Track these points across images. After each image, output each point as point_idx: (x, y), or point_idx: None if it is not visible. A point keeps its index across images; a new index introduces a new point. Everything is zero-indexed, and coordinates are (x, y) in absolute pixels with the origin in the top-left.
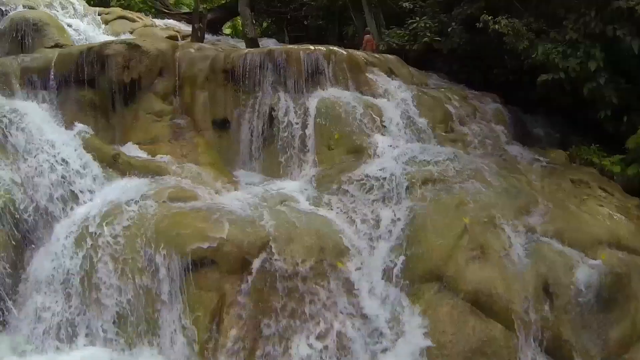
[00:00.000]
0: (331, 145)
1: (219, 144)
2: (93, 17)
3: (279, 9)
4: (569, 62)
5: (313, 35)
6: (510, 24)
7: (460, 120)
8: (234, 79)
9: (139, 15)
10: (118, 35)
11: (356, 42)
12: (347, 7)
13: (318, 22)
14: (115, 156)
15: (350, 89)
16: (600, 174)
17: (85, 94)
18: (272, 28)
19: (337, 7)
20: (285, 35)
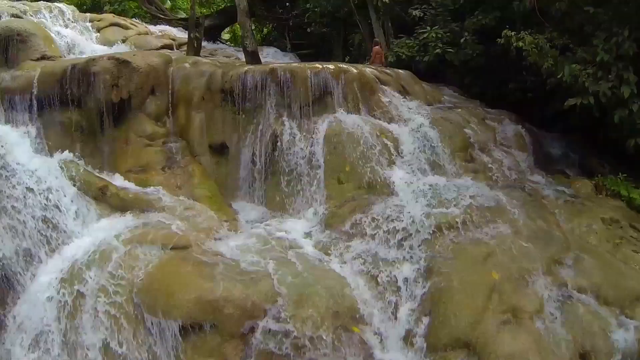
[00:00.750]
0: (341, 178)
1: (216, 171)
2: (84, 24)
3: (280, 15)
4: (600, 86)
5: (316, 43)
6: (535, 41)
7: (480, 147)
8: (233, 99)
9: (132, 22)
10: (110, 44)
11: (362, 51)
12: (353, 13)
13: (322, 29)
14: (103, 188)
15: (362, 112)
16: (628, 206)
17: (71, 115)
18: (273, 34)
19: (343, 14)
20: (287, 42)
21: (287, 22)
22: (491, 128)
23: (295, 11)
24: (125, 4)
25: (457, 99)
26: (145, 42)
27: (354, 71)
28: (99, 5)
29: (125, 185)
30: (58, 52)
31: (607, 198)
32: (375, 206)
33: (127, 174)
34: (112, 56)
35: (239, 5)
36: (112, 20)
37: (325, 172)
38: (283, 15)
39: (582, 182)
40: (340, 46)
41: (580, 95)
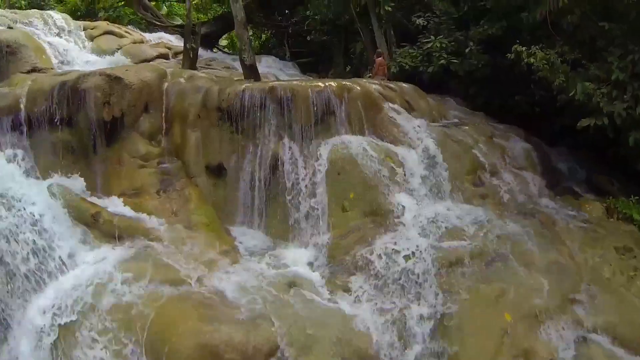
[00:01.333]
0: (345, 206)
1: (214, 193)
2: (77, 33)
3: (279, 23)
4: (615, 106)
5: (317, 51)
6: (547, 57)
7: (489, 169)
8: (230, 118)
9: (127, 30)
10: (104, 53)
11: (364, 60)
12: (354, 21)
13: (322, 37)
14: (95, 215)
15: (366, 132)
16: None
17: (61, 135)
18: (272, 41)
19: (343, 22)
20: (286, 50)
21: (287, 29)
22: (500, 147)
23: (294, 18)
24: (120, 10)
25: (463, 113)
26: (140, 52)
27: (357, 89)
28: (93, 11)
29: (118, 210)
30: (50, 63)
31: (619, 222)
32: (381, 238)
33: (121, 197)
34: (103, 72)
35: (237, 16)
36: (106, 29)
37: (329, 199)
38: (282, 23)
39: (593, 205)
40: (341, 54)
41: (594, 115)
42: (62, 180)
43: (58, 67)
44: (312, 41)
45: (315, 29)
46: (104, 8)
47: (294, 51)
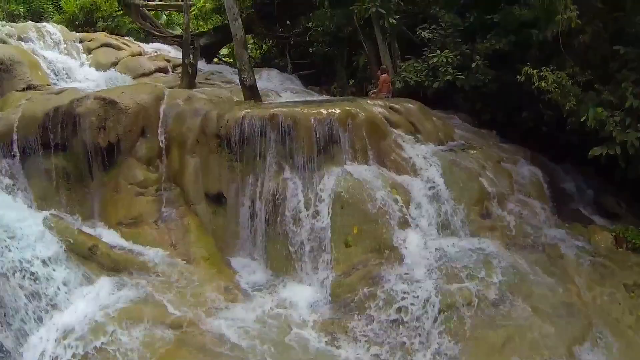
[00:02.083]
0: (349, 241)
1: (214, 221)
2: (74, 46)
3: (280, 34)
4: (628, 135)
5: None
6: (558, 80)
7: (497, 198)
8: (230, 146)
9: (125, 41)
10: (102, 67)
11: (368, 73)
12: (357, 33)
13: (324, 49)
14: (92, 248)
15: (371, 160)
16: None
17: (56, 161)
18: (274, 52)
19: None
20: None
21: (288, 40)
22: (507, 173)
23: (296, 30)
24: (118, 19)
25: (469, 132)
26: (138, 65)
27: (362, 115)
28: (92, 20)
29: (116, 241)
30: (46, 79)
31: (628, 253)
32: (386, 277)
33: (118, 227)
34: (98, 95)
35: (235, 35)
36: (103, 41)
37: (332, 233)
38: (283, 34)
39: (601, 235)
40: (344, 67)
41: (606, 143)
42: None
43: (54, 82)
44: (315, 53)
45: (317, 40)
46: (102, 17)
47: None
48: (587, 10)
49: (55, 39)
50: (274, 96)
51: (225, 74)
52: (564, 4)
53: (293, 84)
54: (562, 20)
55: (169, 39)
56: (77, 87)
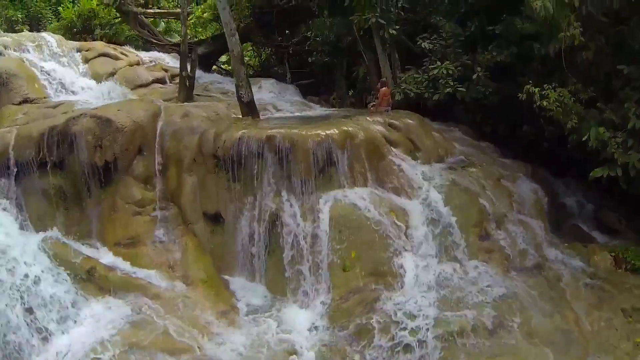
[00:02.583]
0: (347, 265)
1: (212, 241)
2: (71, 55)
3: (279, 43)
4: (630, 157)
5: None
6: (560, 98)
7: (496, 220)
8: (227, 167)
9: (122, 51)
10: (99, 77)
11: (367, 84)
12: (357, 43)
13: (324, 58)
14: (91, 270)
15: (369, 182)
16: None
17: (53, 180)
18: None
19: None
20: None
21: (287, 49)
22: (507, 191)
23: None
24: (117, 27)
25: (469, 146)
26: (135, 76)
27: (361, 136)
28: (90, 27)
29: (114, 263)
30: (42, 92)
31: (627, 274)
32: (383, 303)
33: (116, 247)
34: (93, 114)
35: (232, 51)
36: (101, 50)
37: (329, 257)
38: (282, 43)
39: (600, 255)
40: (344, 77)
41: (608, 165)
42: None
43: (52, 95)
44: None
45: (316, 49)
46: (100, 25)
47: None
48: (590, 24)
49: (52, 49)
50: (272, 110)
51: (223, 84)
52: (567, 20)
53: (292, 95)
54: (565, 37)
55: (167, 47)
56: (74, 100)
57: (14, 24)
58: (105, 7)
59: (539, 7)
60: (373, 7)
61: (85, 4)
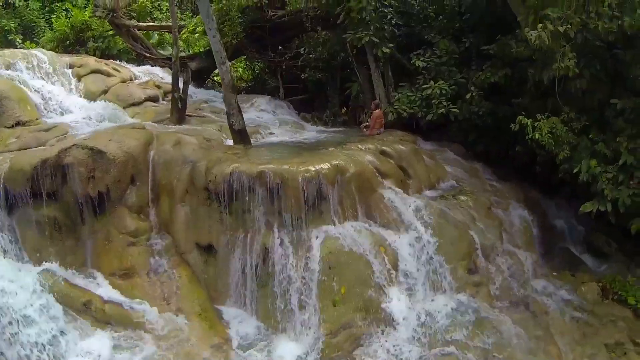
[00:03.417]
0: (337, 300)
1: (205, 270)
2: (63, 72)
3: (272, 59)
4: (620, 192)
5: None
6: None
7: (484, 253)
8: (219, 200)
9: (115, 66)
10: (92, 96)
11: (361, 102)
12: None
13: (317, 74)
14: (87, 303)
15: (360, 215)
16: (634, 315)
17: (47, 212)
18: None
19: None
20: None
21: (280, 64)
22: (497, 221)
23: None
24: (109, 40)
25: (461, 169)
26: (128, 94)
27: (351, 169)
28: (82, 39)
29: (110, 294)
30: (35, 113)
31: (614, 304)
32: (371, 340)
33: (111, 278)
34: (85, 145)
35: (223, 79)
36: (93, 67)
37: (320, 292)
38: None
39: (588, 286)
40: (337, 94)
41: (597, 199)
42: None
43: (45, 114)
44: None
45: (309, 65)
46: (93, 37)
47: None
48: (585, 50)
49: (44, 67)
50: (264, 133)
51: (216, 102)
52: (562, 51)
53: (285, 114)
54: (559, 68)
55: (160, 61)
56: (66, 122)
57: (7, 34)
58: (98, 19)
59: (534, 37)
60: (366, 25)
61: (78, 16)
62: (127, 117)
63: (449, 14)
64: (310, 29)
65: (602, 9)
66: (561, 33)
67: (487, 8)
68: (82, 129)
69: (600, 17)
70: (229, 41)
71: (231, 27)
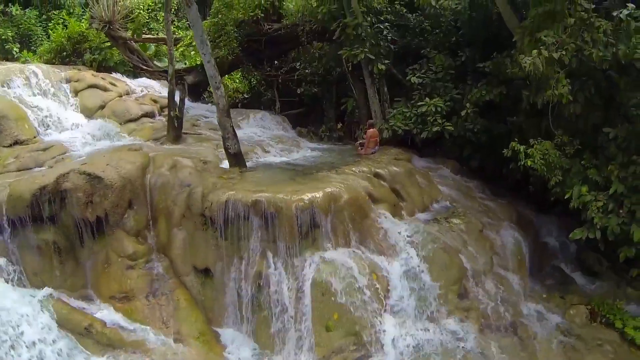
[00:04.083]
0: (330, 325)
1: (202, 293)
2: (60, 87)
3: (268, 73)
4: (610, 220)
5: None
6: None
7: (474, 277)
8: (215, 226)
9: (111, 80)
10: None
11: (356, 117)
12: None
13: (313, 88)
14: (88, 327)
15: (352, 242)
16: (621, 338)
17: (47, 236)
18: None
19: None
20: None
21: (276, 78)
22: (489, 244)
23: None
24: (106, 52)
25: (455, 189)
26: (124, 110)
27: (345, 197)
28: (79, 50)
29: (110, 318)
30: (32, 132)
31: (601, 327)
32: None
33: (111, 301)
34: (83, 170)
35: (218, 104)
36: (90, 81)
37: (313, 318)
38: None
39: (577, 309)
40: (333, 109)
41: (586, 226)
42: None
43: (42, 132)
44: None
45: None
46: (90, 48)
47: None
48: (580, 71)
49: (40, 83)
50: (259, 153)
51: (212, 118)
52: (557, 77)
53: (281, 129)
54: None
55: (157, 73)
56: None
57: (4, 43)
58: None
59: (528, 64)
60: (362, 41)
61: (74, 27)
62: (124, 133)
63: (445, 28)
64: (306, 42)
65: (597, 35)
66: (556, 59)
67: (483, 23)
68: (79, 148)
69: (595, 44)
70: (225, 56)
71: (227, 42)
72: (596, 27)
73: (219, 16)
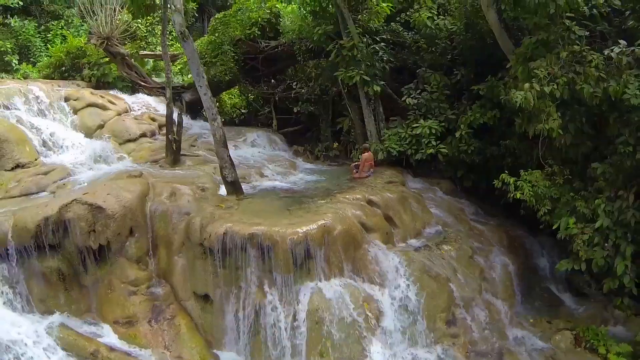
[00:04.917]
0: (323, 352)
1: (202, 317)
2: (60, 106)
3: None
4: (595, 253)
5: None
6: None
7: (463, 304)
8: (213, 255)
9: (110, 98)
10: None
11: (352, 137)
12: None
13: (309, 107)
14: (94, 353)
15: (345, 271)
16: None
17: (51, 263)
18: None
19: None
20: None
21: (273, 96)
22: (479, 269)
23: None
24: (104, 68)
25: (447, 212)
26: (124, 129)
27: (338, 228)
28: (78, 66)
29: (114, 343)
30: (34, 154)
31: (585, 352)
32: None
33: (115, 326)
34: (84, 200)
35: (215, 134)
36: (89, 100)
37: (307, 345)
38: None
39: (562, 334)
40: (329, 126)
41: (572, 257)
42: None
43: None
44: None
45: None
46: (88, 63)
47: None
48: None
49: (40, 103)
50: (256, 177)
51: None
52: (548, 111)
53: (277, 149)
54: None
55: (154, 89)
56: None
57: (3, 55)
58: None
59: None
60: (357, 62)
61: (73, 42)
62: (123, 154)
63: (441, 47)
64: (302, 61)
65: (589, 69)
66: (547, 93)
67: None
68: (80, 172)
69: (587, 79)
70: (222, 75)
71: (224, 61)
72: (588, 61)
73: (215, 34)
